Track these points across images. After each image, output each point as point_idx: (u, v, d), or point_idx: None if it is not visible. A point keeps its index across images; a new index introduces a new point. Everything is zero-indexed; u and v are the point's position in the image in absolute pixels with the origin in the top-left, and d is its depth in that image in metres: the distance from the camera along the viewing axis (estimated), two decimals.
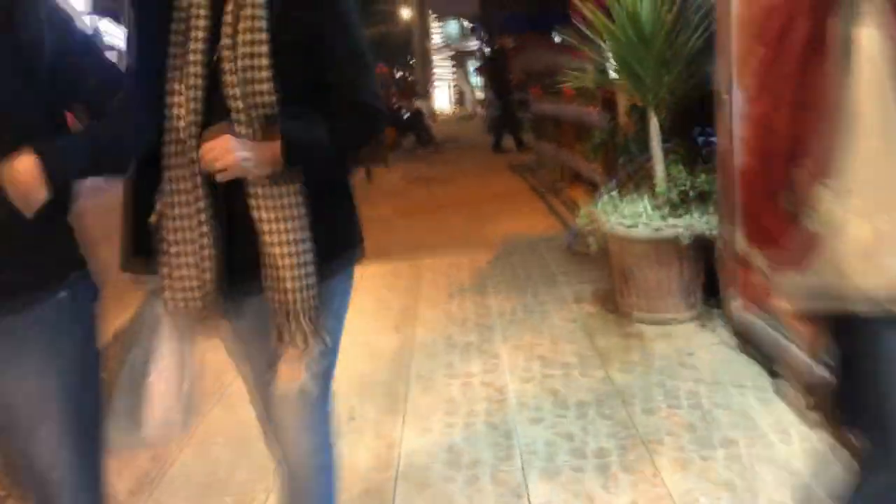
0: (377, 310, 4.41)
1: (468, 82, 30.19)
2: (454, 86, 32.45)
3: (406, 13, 41.35)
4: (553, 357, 3.43)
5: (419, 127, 15.33)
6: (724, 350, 3.34)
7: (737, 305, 3.38)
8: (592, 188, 7.29)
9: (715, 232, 3.54)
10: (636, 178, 4.37)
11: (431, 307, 4.35)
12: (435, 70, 31.93)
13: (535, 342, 3.62)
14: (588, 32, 4.10)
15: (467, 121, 24.13)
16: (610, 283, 4.33)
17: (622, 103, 5.38)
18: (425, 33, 29.78)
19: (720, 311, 3.61)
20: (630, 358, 3.35)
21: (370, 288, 4.92)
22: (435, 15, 30.04)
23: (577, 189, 7.89)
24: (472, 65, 32.19)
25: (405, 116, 15.50)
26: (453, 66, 33.04)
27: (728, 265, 3.44)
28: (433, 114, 24.68)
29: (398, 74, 18.40)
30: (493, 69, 13.30)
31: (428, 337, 3.83)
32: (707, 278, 3.72)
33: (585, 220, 3.95)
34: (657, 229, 3.59)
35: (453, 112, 31.19)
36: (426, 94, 26.65)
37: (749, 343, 3.25)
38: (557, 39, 22.87)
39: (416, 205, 8.27)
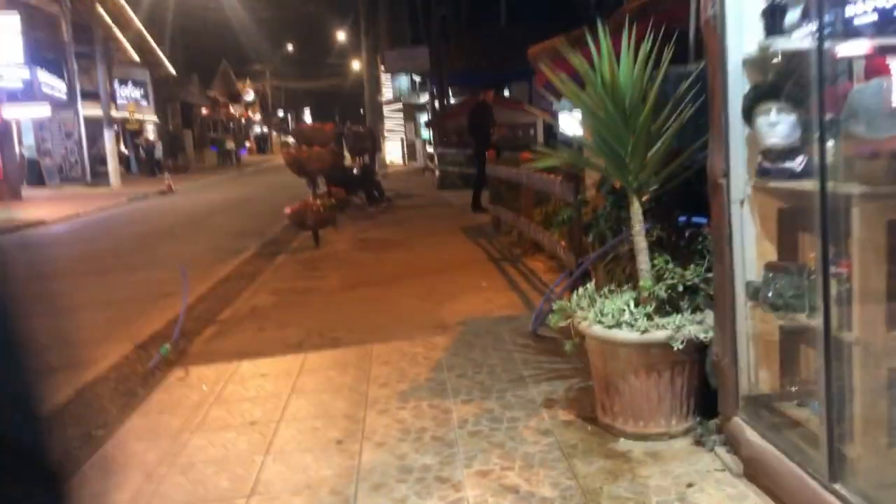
0: (317, 417, 3.79)
1: (419, 136, 29.92)
2: (405, 139, 32.20)
3: (356, 66, 41.32)
4: (527, 489, 2.85)
5: (369, 184, 14.84)
6: (731, 481, 2.81)
7: (740, 425, 2.87)
8: (553, 260, 6.84)
9: (709, 335, 3.05)
10: (611, 267, 3.89)
11: (381, 413, 3.74)
12: (386, 123, 31.70)
13: (504, 467, 3.04)
14: (553, 100, 3.65)
15: (419, 174, 23.78)
16: (583, 378, 3.81)
17: (591, 175, 4.94)
18: (377, 87, 29.58)
19: (717, 425, 3.09)
20: (619, 493, 2.79)
21: (311, 386, 4.29)
22: (383, 68, 29.88)
23: (536, 259, 7.44)
24: (422, 119, 32.12)
25: (354, 172, 15.01)
26: (404, 119, 32.89)
27: (727, 375, 2.95)
28: (383, 168, 24.31)
29: (347, 128, 17.92)
30: (474, 123, 12.82)
31: (377, 459, 3.22)
32: (700, 386, 3.22)
33: (558, 318, 3.42)
34: (643, 331, 3.09)
35: (404, 165, 30.92)
36: (377, 149, 26.30)
37: (760, 474, 2.74)
38: (507, 96, 22.91)
39: (364, 276, 7.68)
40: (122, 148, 31.67)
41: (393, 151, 32.49)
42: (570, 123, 10.46)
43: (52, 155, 27.27)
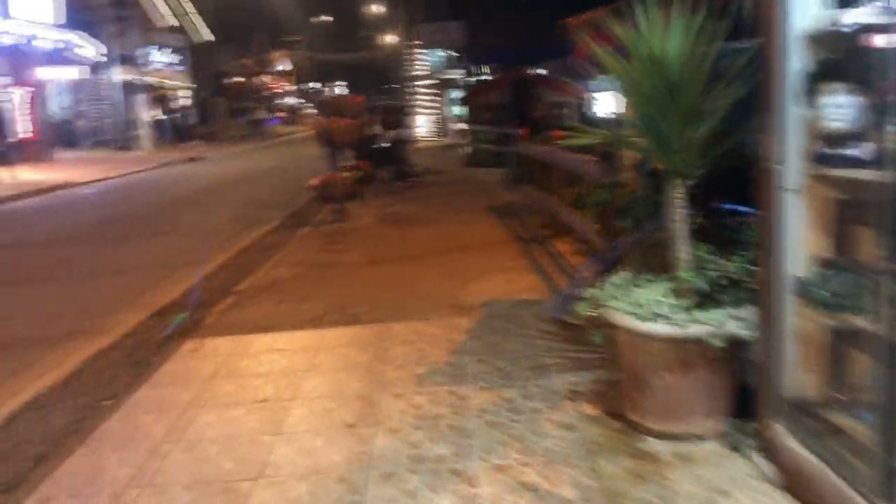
0: (331, 397, 3.63)
1: (450, 112, 29.55)
2: (436, 115, 31.85)
3: (390, 40, 40.97)
4: (547, 489, 2.67)
5: (398, 158, 14.63)
6: (767, 491, 2.61)
7: (780, 431, 2.66)
8: (583, 243, 6.60)
9: (750, 333, 2.83)
10: (645, 254, 3.66)
11: (397, 397, 3.57)
12: (418, 98, 31.38)
13: (522, 463, 2.86)
14: (594, 74, 3.41)
15: (449, 150, 23.51)
16: (610, 370, 3.61)
17: (628, 156, 4.69)
18: (410, 61, 29.25)
19: (754, 430, 2.88)
20: (645, 497, 2.60)
21: (327, 364, 4.14)
22: (419, 43, 29.53)
23: (564, 241, 7.21)
24: (454, 94, 31.75)
25: (383, 147, 14.80)
26: (436, 94, 32.54)
27: (768, 376, 2.73)
28: (412, 143, 24.07)
29: (378, 102, 17.68)
30: (515, 100, 12.50)
31: (389, 446, 3.06)
32: (736, 386, 3.00)
33: (588, 306, 3.22)
34: (680, 326, 2.87)
35: (435, 141, 30.63)
36: (408, 123, 26.07)
37: (800, 485, 2.53)
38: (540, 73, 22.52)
39: (388, 251, 7.51)
40: (155, 113, 31.75)
41: (424, 127, 32.18)
42: (605, 102, 10.13)
43: (85, 118, 27.42)
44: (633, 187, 4.43)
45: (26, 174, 17.93)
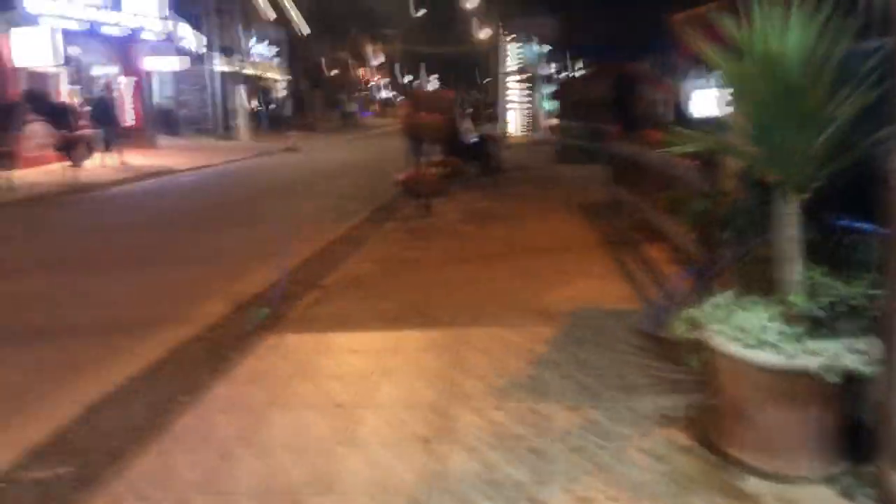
0: (406, 407, 3.51)
1: (541, 107, 29.12)
2: (527, 110, 31.47)
3: (483, 34, 40.74)
4: None
5: (487, 154, 14.44)
6: None
7: None
8: (677, 251, 6.26)
9: (871, 368, 2.52)
10: (749, 271, 3.36)
11: (474, 412, 3.41)
12: (508, 93, 31.09)
13: (608, 497, 2.65)
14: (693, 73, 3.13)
15: (539, 147, 23.15)
16: (707, 396, 3.33)
17: (732, 163, 4.37)
18: (503, 56, 28.98)
19: (871, 477, 2.58)
20: None
21: (402, 370, 4.02)
22: (512, 36, 29.20)
23: (657, 247, 6.87)
24: (547, 89, 31.28)
25: (472, 142, 14.65)
26: (528, 89, 32.16)
27: (890, 418, 2.42)
28: (502, 138, 23.83)
29: (467, 96, 17.54)
30: (612, 96, 12.15)
31: (464, 467, 2.90)
32: (850, 425, 2.70)
33: (685, 327, 2.96)
34: (790, 356, 2.59)
35: (525, 137, 30.29)
36: (496, 118, 25.83)
37: None
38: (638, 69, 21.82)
39: (471, 250, 7.36)
40: (253, 103, 32.66)
41: (513, 122, 31.87)
42: (705, 102, 9.65)
43: (187, 106, 28.44)
44: (736, 196, 4.11)
45: (132, 160, 18.70)
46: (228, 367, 4.16)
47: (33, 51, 17.36)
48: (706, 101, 9.08)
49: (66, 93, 19.30)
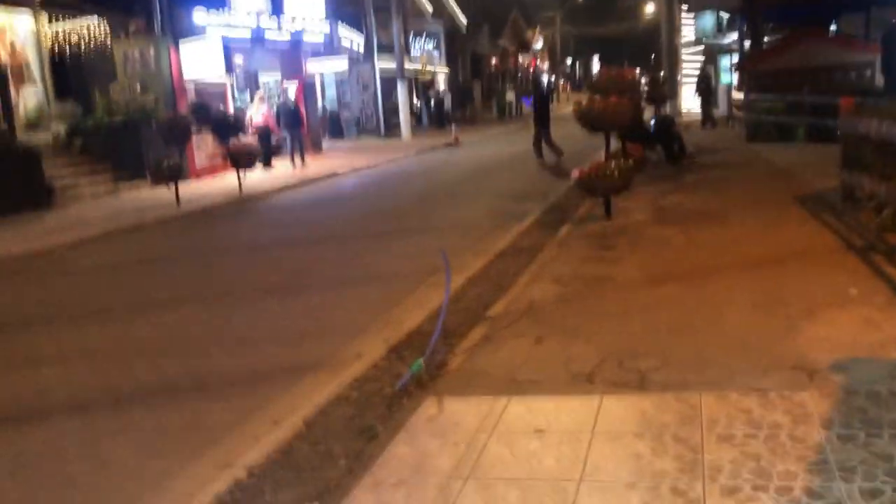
0: None
1: (720, 81, 26.41)
2: (703, 85, 28.80)
3: (650, 8, 38.08)
4: None
5: (668, 137, 12.76)
6: None
7: None
8: None
9: None
10: None
11: None
12: (684, 68, 28.61)
13: None
14: None
15: (722, 124, 20.82)
16: None
17: None
18: (674, 28, 26.62)
19: None
20: None
21: (608, 469, 2.79)
22: (686, 6, 26.75)
23: None
24: (725, 62, 28.47)
25: (651, 125, 13.02)
26: (705, 62, 29.44)
27: None
28: (678, 115, 21.69)
29: (646, 77, 15.88)
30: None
31: None
32: None
33: None
34: None
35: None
36: (673, 95, 23.66)
37: None
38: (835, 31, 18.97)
39: (671, 262, 5.97)
40: (415, 100, 32.37)
41: (690, 98, 29.34)
42: None
43: (350, 108, 28.56)
44: None
45: (296, 165, 18.73)
46: (373, 454, 3.15)
47: (202, 63, 17.71)
48: None
49: (240, 102, 19.75)
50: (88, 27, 16.68)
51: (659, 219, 7.80)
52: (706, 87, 22.32)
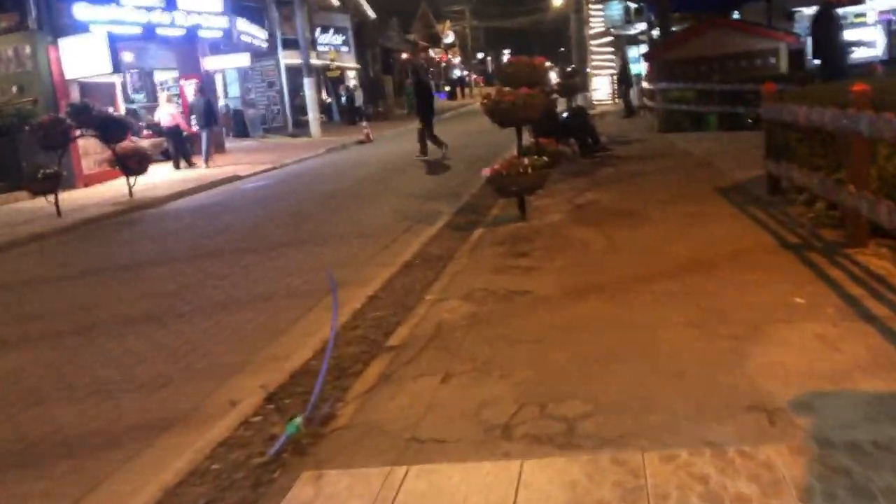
0: None
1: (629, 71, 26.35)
2: (614, 75, 28.78)
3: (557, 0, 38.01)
4: None
5: (582, 130, 12.28)
6: None
7: None
8: None
9: None
10: None
11: None
12: (593, 59, 28.52)
13: None
14: None
15: (632, 115, 20.67)
16: None
17: None
18: (583, 19, 26.44)
19: None
20: None
21: None
22: None
23: (877, 251, 4.72)
24: (633, 52, 28.52)
25: (564, 118, 12.52)
26: (613, 53, 29.43)
27: None
28: (590, 107, 21.44)
29: (556, 68, 15.40)
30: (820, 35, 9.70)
31: None
32: None
33: None
34: None
35: (613, 104, 27.70)
36: (585, 87, 23.44)
37: None
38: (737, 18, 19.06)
39: (594, 271, 5.33)
40: (324, 96, 31.22)
41: (601, 89, 29.33)
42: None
43: (255, 105, 27.25)
44: None
45: (198, 168, 17.52)
46: None
47: (86, 61, 16.22)
48: None
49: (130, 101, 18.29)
50: None
51: (576, 219, 7.20)
52: (625, 77, 22.32)
